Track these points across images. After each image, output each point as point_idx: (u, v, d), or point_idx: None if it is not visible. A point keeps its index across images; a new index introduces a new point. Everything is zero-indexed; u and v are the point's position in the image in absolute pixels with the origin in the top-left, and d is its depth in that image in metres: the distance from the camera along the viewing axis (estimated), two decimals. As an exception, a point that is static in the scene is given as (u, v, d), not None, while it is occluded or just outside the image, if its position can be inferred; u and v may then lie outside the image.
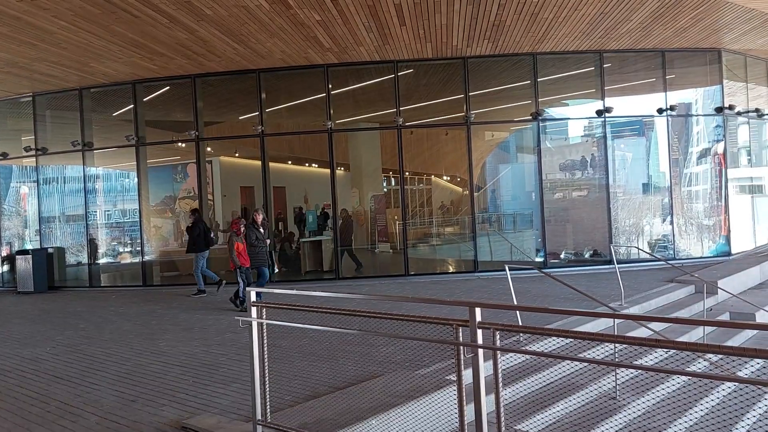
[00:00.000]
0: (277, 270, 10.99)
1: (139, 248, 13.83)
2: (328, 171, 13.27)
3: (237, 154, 15.09)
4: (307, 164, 15.83)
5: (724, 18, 11.45)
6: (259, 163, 13.36)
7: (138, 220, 13.94)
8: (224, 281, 12.01)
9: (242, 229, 10.22)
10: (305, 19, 9.96)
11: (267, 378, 4.84)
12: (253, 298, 5.09)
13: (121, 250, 14.76)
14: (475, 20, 10.66)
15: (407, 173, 15.20)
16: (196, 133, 13.43)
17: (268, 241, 10.77)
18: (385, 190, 15.57)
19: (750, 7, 10.60)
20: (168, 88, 13.98)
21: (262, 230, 10.49)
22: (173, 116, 15.20)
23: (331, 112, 13.16)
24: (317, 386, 5.65)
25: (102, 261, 14.65)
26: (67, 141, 14.29)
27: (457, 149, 14.55)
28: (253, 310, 4.98)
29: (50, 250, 14.39)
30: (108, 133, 14.75)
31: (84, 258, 14.45)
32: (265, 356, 4.87)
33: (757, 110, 16.02)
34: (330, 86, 13.14)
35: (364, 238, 15.33)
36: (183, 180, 14.26)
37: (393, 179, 14.26)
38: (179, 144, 14.34)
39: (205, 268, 12.19)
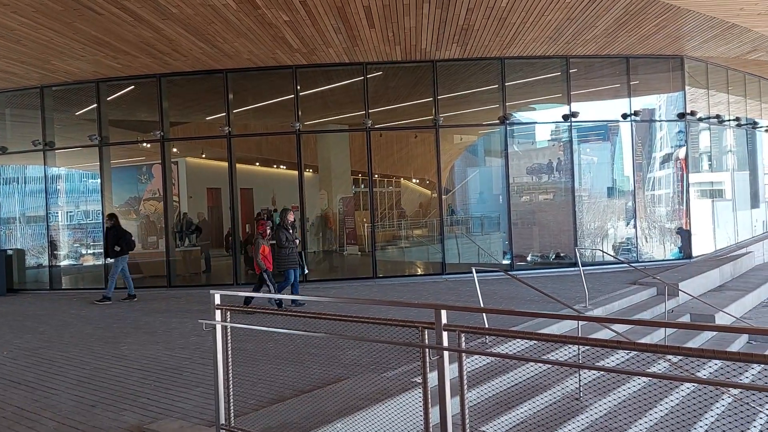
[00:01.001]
0: (307, 271, 10.61)
1: (102, 250, 13.52)
2: (296, 173, 13.18)
3: (204, 155, 14.88)
4: (275, 166, 15.69)
5: (686, 26, 11.74)
6: (226, 164, 13.20)
7: (101, 221, 13.63)
8: (137, 297, 11.68)
9: (268, 231, 9.97)
10: (273, 19, 9.89)
11: (231, 382, 4.78)
12: (218, 301, 5.01)
13: (83, 252, 14.41)
14: (444, 23, 10.73)
15: (376, 176, 15.20)
16: (162, 133, 13.21)
17: (298, 241, 10.35)
18: (354, 192, 15.53)
19: (711, 15, 10.88)
20: (132, 87, 13.72)
21: (291, 231, 10.18)
22: (138, 116, 14.92)
23: (300, 113, 13.09)
24: (282, 390, 5.59)
25: (63, 263, 14.29)
26: (28, 140, 13.91)
27: (426, 152, 14.62)
28: (217, 313, 4.91)
29: (9, 252, 13.97)
30: (70, 133, 14.40)
31: (45, 260, 14.07)
32: (229, 360, 4.80)
33: (717, 116, 16.47)
34: (298, 87, 13.06)
35: (333, 240, 15.27)
36: (148, 181, 14.00)
37: (362, 181, 14.23)
38: (144, 144, 14.08)
39: (127, 274, 11.73)
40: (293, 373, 6.13)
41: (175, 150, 14.20)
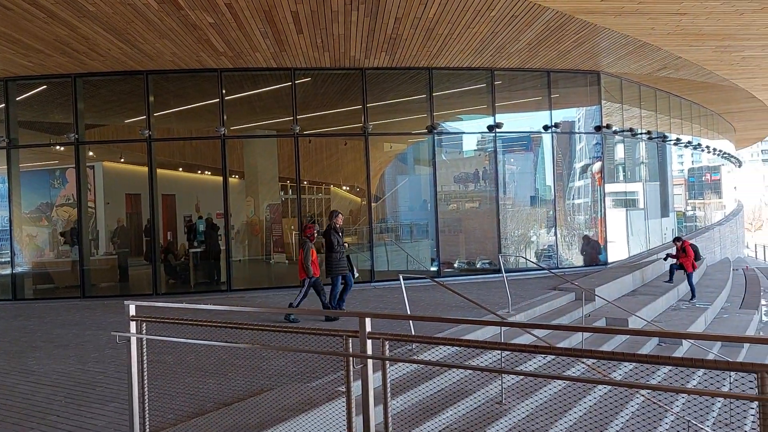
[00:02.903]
0: (357, 275, 10.12)
1: (9, 259, 12.69)
2: (221, 179, 12.86)
3: (122, 160, 14.26)
4: (199, 171, 15.23)
5: (602, 43, 12.33)
6: (146, 169, 12.70)
7: (8, 228, 12.80)
8: None
9: (315, 235, 9.55)
10: (197, 21, 9.62)
11: (147, 396, 4.59)
12: (133, 312, 4.81)
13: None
14: (373, 32, 10.78)
15: (305, 182, 15.06)
16: (76, 136, 12.56)
17: (347, 245, 9.93)
18: (282, 199, 15.31)
19: (625, 34, 11.47)
20: (45, 87, 12.99)
21: (340, 234, 9.74)
22: (51, 117, 14.13)
23: (225, 117, 12.78)
24: (203, 403, 5.40)
25: (-35, 273, 13.30)
26: (-73, 141, 12.89)
27: (356, 159, 14.63)
28: (132, 324, 4.70)
29: None
30: (-25, 134, 13.45)
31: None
32: (145, 373, 4.61)
33: (631, 130, 17.37)
34: (224, 91, 12.76)
35: (259, 248, 14.99)
36: (61, 186, 13.26)
37: (290, 188, 14.06)
38: (57, 147, 13.34)
39: None
40: (215, 385, 5.94)
41: (91, 153, 13.53)
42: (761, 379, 2.71)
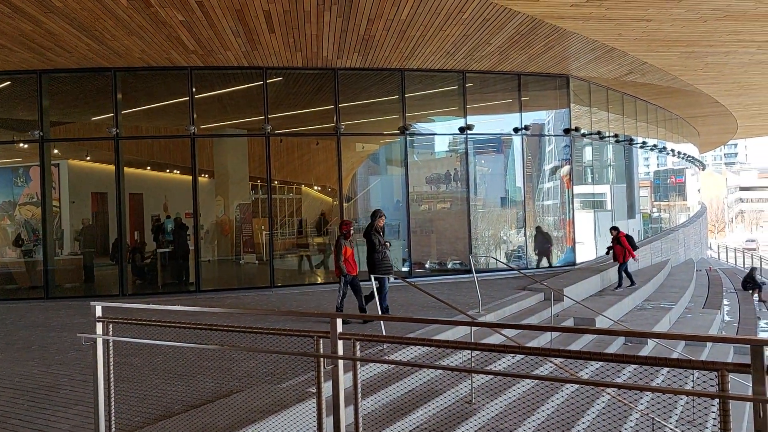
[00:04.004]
0: (393, 279, 9.71)
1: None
2: (190, 178, 12.70)
3: (88, 158, 13.96)
4: (168, 170, 15.00)
5: (571, 47, 12.53)
6: (113, 167, 12.48)
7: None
8: None
9: (352, 232, 9.23)
10: (167, 18, 9.49)
11: (113, 399, 4.52)
12: (99, 313, 4.72)
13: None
14: (345, 33, 10.77)
15: (276, 182, 14.95)
16: (41, 133, 12.26)
17: (388, 244, 9.49)
18: (253, 199, 15.18)
19: (593, 38, 11.69)
20: (9, 83, 12.66)
21: (382, 234, 9.38)
22: (15, 114, 13.76)
23: (195, 116, 12.62)
24: (171, 405, 5.33)
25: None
26: None
27: (328, 159, 14.58)
28: (98, 326, 4.62)
29: None
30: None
31: None
32: (111, 375, 4.54)
33: (599, 133, 17.69)
34: (194, 90, 12.60)
35: (229, 248, 14.83)
36: (25, 184, 12.94)
37: (261, 188, 13.94)
38: (21, 145, 13.01)
39: None
40: (183, 387, 5.87)
41: (56, 151, 13.23)
42: (721, 376, 2.79)
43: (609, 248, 14.36)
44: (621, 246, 13.86)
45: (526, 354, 3.36)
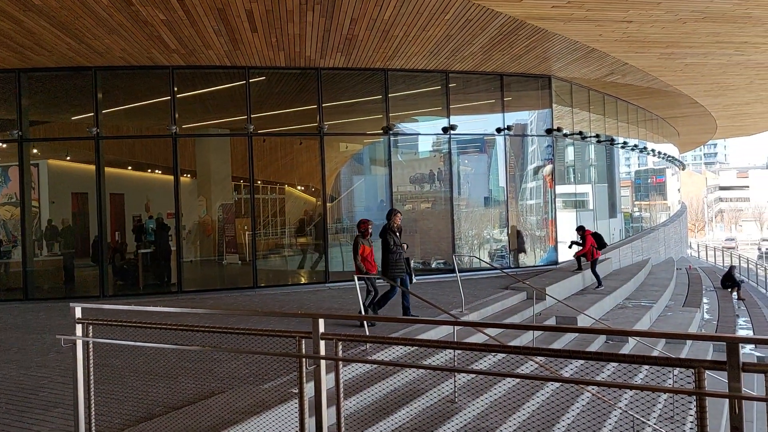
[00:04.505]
0: (415, 280, 9.37)
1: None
2: (172, 178, 12.59)
3: (68, 158, 13.78)
4: (149, 170, 14.86)
5: (553, 48, 12.62)
6: (93, 167, 12.34)
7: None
8: None
9: (370, 230, 9.04)
10: (148, 17, 9.40)
11: (93, 401, 4.48)
12: (79, 314, 4.68)
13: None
14: (329, 32, 10.76)
15: (259, 182, 14.88)
16: (20, 133, 12.09)
17: (405, 246, 9.22)
18: (235, 199, 15.09)
19: (574, 39, 11.78)
20: (-14, 81, 12.47)
21: (398, 234, 9.13)
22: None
23: (176, 116, 12.52)
24: (152, 407, 5.29)
25: None
26: None
27: (311, 159, 14.53)
28: (78, 327, 4.58)
29: None
30: None
31: None
32: (91, 377, 4.50)
33: (580, 133, 17.84)
34: (175, 89, 12.50)
35: (212, 248, 14.72)
36: (3, 184, 12.74)
37: (244, 188, 13.86)
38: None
39: None
40: (165, 389, 5.82)
41: (35, 151, 13.04)
42: (698, 374, 2.84)
43: (573, 243, 14.45)
44: (590, 244, 13.97)
45: (508, 353, 3.39)
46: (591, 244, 13.99)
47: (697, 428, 2.83)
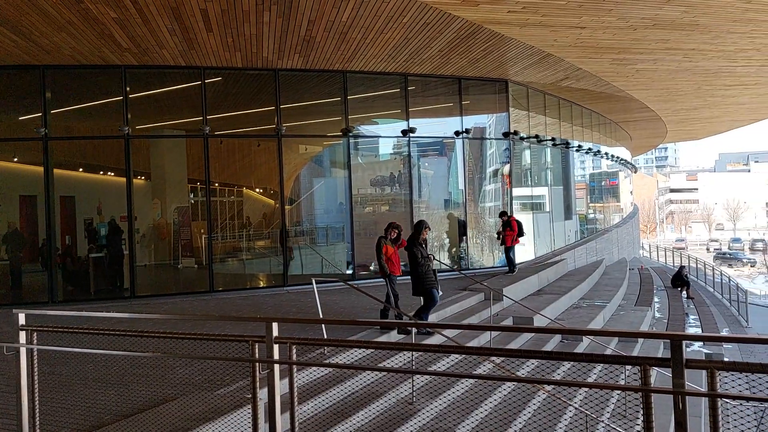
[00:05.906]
0: (441, 293, 9.09)
1: None
2: (124, 180, 12.28)
3: (15, 159, 13.30)
4: (101, 172, 14.45)
5: (509, 52, 12.81)
6: (41, 169, 11.94)
7: None
8: None
9: (392, 233, 8.88)
10: (99, 15, 9.15)
11: (38, 410, 4.33)
12: (22, 321, 4.52)
13: None
14: (286, 33, 10.67)
15: (216, 184, 14.64)
16: (-37, 132, 11.64)
17: (432, 257, 9.03)
18: (191, 201, 14.81)
19: (529, 44, 11.99)
20: (-75, 79, 11.94)
21: (424, 246, 8.91)
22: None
23: (129, 116, 12.22)
24: (101, 415, 5.13)
25: None
26: None
27: (270, 161, 14.39)
28: (22, 334, 4.41)
29: None
30: None
31: None
32: (36, 386, 4.35)
33: (537, 136, 18.17)
34: (128, 89, 12.20)
35: (167, 252, 14.40)
36: (-55, 187, 12.21)
37: (200, 190, 13.62)
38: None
39: None
40: (115, 396, 5.66)
41: (-21, 152, 12.56)
42: (644, 371, 2.91)
43: (498, 233, 14.41)
44: (511, 230, 13.98)
45: (466, 354, 3.41)
46: (514, 231, 13.89)
47: (644, 424, 2.90)
